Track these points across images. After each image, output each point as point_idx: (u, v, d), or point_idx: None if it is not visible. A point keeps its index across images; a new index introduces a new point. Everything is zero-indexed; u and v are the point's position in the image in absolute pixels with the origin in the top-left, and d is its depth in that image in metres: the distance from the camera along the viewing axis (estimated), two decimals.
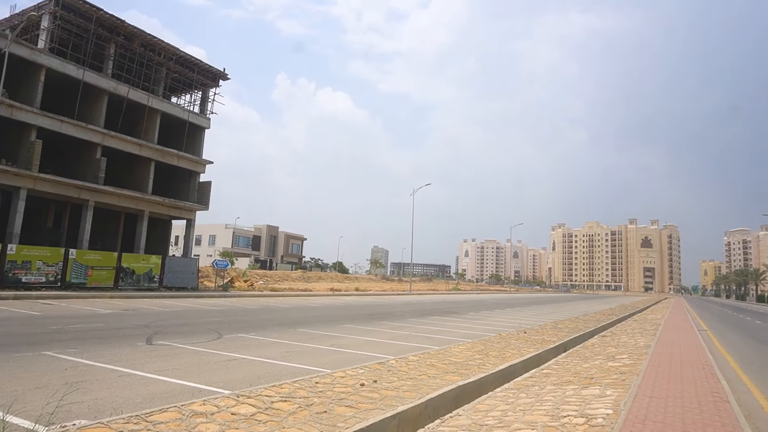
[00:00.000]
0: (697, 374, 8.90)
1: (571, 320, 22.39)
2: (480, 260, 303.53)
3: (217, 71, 36.60)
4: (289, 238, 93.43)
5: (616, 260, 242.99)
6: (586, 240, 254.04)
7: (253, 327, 14.48)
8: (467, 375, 8.15)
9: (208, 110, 37.37)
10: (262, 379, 7.42)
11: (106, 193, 30.06)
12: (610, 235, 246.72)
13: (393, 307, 27.73)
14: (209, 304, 23.06)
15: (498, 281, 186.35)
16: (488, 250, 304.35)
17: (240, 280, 40.17)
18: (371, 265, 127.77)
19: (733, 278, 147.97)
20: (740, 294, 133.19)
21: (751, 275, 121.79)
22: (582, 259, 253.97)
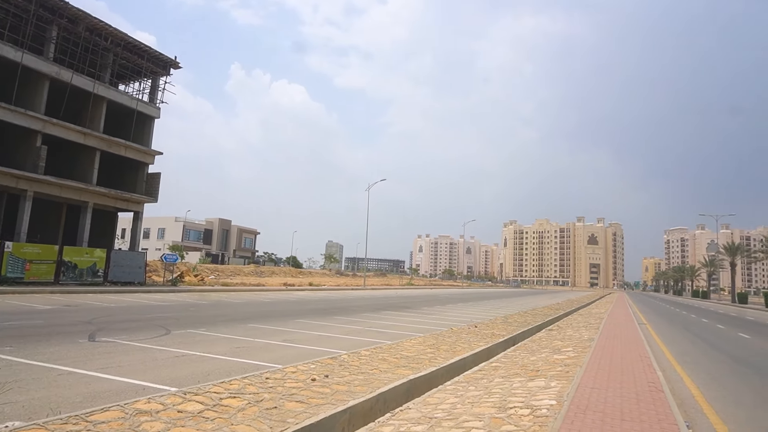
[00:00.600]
0: (636, 366, 9.33)
1: (521, 315, 23.02)
2: (434, 256, 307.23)
3: (167, 59, 35.39)
4: (242, 232, 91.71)
5: (564, 256, 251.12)
6: (536, 237, 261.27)
7: (203, 322, 14.16)
8: (418, 369, 8.25)
9: (158, 99, 36.12)
10: (211, 376, 7.27)
11: (46, 183, 28.58)
12: (558, 233, 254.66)
13: (347, 302, 27.71)
14: (157, 300, 22.38)
15: (451, 276, 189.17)
16: (442, 246, 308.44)
17: (190, 275, 39.14)
18: (325, 260, 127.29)
19: (671, 274, 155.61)
20: (677, 289, 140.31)
21: (687, 272, 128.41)
22: (532, 255, 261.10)
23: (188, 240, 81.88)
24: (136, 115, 33.75)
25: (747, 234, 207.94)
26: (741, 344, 16.40)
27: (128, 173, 34.73)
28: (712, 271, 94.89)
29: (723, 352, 14.19)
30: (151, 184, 35.28)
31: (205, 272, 47.29)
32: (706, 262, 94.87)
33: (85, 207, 31.30)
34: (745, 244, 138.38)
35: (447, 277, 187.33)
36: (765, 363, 12.09)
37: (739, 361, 12.25)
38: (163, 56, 35.04)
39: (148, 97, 36.07)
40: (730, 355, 13.53)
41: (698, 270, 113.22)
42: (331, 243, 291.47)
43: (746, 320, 30.16)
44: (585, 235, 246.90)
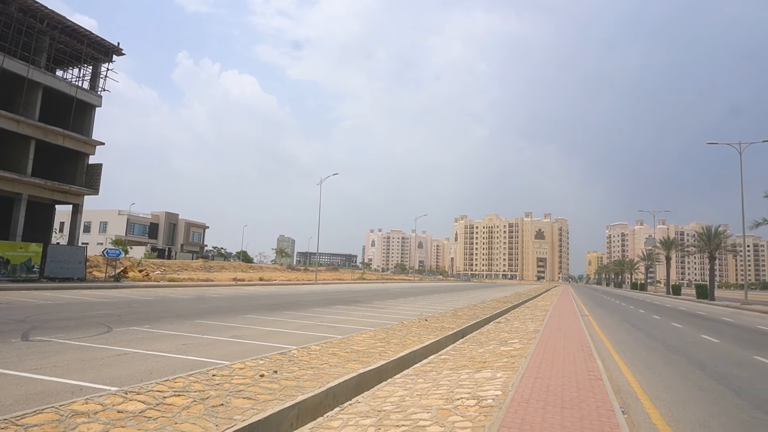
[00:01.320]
0: (578, 356, 9.72)
1: (470, 308, 23.50)
2: (386, 250, 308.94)
3: (110, 45, 33.85)
4: (190, 225, 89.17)
5: (512, 251, 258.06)
6: (486, 231, 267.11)
7: (147, 319, 13.70)
8: (369, 363, 8.29)
9: (100, 87, 34.51)
10: (154, 374, 7.05)
11: None
12: (507, 227, 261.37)
13: (298, 297, 27.48)
14: (98, 296, 21.47)
15: (403, 271, 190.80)
16: (394, 240, 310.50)
17: (134, 270, 37.74)
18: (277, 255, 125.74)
19: (612, 268, 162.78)
20: (618, 282, 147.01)
21: (627, 265, 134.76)
22: (482, 249, 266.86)
23: (132, 234, 78.89)
24: (76, 102, 32.14)
25: (681, 229, 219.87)
26: (673, 333, 17.35)
27: (67, 164, 33.06)
28: (649, 265, 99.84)
29: (657, 341, 14.97)
30: (91, 176, 33.73)
31: (151, 267, 45.73)
32: (644, 256, 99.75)
33: (18, 199, 29.59)
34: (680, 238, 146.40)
35: (399, 271, 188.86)
36: (693, 350, 12.84)
37: (671, 349, 12.96)
38: (105, 42, 33.49)
39: (88, 84, 34.41)
40: (664, 343, 14.29)
41: (637, 263, 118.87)
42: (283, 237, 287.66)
43: (679, 311, 31.93)
44: (533, 230, 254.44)
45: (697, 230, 58.41)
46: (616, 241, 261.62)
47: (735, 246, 59.86)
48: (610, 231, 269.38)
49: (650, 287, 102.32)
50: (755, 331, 19.04)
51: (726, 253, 63.72)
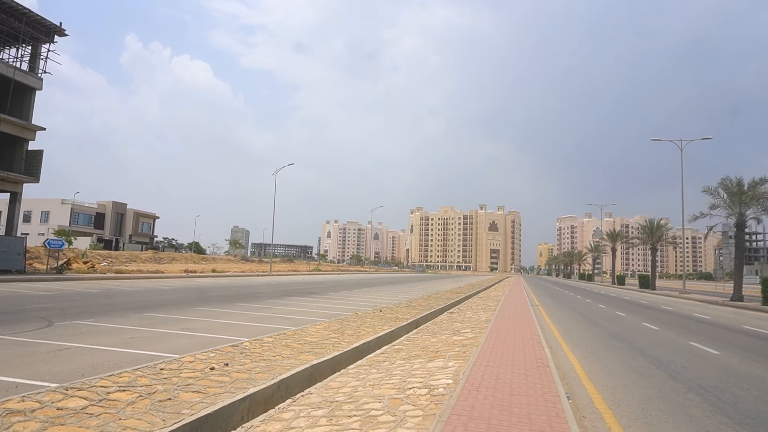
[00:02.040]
0: (527, 344, 10.01)
1: (424, 298, 23.79)
2: (342, 241, 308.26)
3: (51, 24, 32.08)
4: (139, 216, 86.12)
5: (467, 242, 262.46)
6: (441, 223, 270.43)
7: (92, 313, 13.17)
8: (322, 354, 8.27)
9: (41, 69, 32.70)
10: (98, 369, 6.80)
11: None
12: (462, 219, 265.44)
13: (251, 289, 27.07)
14: (39, 289, 20.49)
15: (359, 262, 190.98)
16: (350, 232, 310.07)
17: (79, 262, 36.16)
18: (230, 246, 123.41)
19: (562, 259, 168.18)
20: (567, 273, 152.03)
21: (576, 256, 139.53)
22: (437, 241, 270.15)
23: (77, 224, 75.50)
24: (14, 84, 30.34)
25: (627, 222, 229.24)
26: (617, 322, 18.12)
27: (4, 150, 31.23)
28: (596, 256, 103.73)
29: (602, 329, 15.61)
30: (31, 163, 32.02)
31: (97, 259, 43.96)
32: (592, 247, 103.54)
33: None
34: (625, 231, 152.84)
35: (355, 262, 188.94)
36: (635, 337, 13.46)
37: (614, 337, 13.53)
38: (46, 21, 31.72)
39: (27, 66, 32.53)
40: (608, 331, 14.91)
41: (585, 255, 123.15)
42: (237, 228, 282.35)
43: (623, 300, 33.37)
44: (486, 222, 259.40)
45: (641, 223, 61.05)
46: (566, 234, 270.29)
47: (675, 238, 62.84)
48: (561, 223, 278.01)
49: (597, 278, 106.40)
50: (692, 319, 20.12)
51: (667, 245, 66.88)
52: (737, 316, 22.31)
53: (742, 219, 32.01)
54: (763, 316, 22.50)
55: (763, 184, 31.02)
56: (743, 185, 31.63)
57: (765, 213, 31.51)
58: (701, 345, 12.16)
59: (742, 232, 33.07)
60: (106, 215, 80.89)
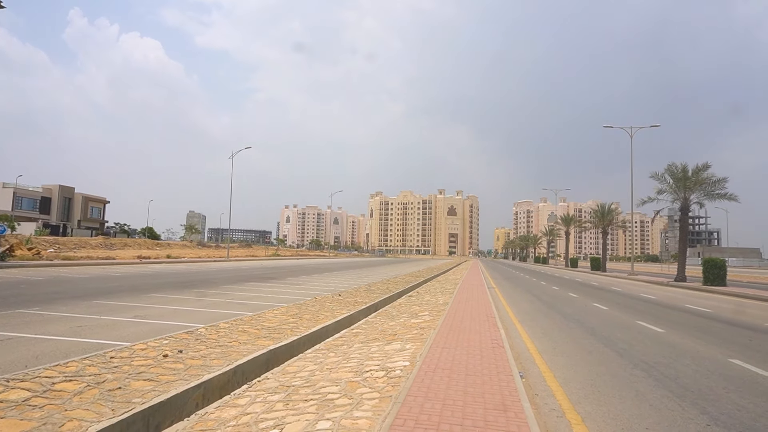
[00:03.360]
0: (483, 326, 10.22)
1: (384, 282, 23.92)
2: (301, 226, 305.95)
3: None
4: (88, 200, 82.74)
5: (426, 227, 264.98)
6: (400, 208, 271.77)
7: (37, 301, 12.61)
8: (280, 339, 8.20)
9: None
10: (42, 359, 6.52)
11: None
12: (421, 204, 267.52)
13: (208, 275, 26.54)
14: None
15: (318, 247, 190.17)
16: (309, 217, 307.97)
17: (22, 248, 34.49)
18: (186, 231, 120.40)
19: (518, 243, 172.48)
20: (523, 256, 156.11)
21: (531, 240, 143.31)
22: (396, 225, 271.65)
23: (20, 209, 71.89)
24: None
25: (580, 207, 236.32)
26: (570, 303, 18.73)
27: None
28: (551, 240, 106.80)
29: (555, 309, 16.11)
30: None
31: (43, 245, 42.09)
32: (547, 231, 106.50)
33: None
34: (578, 215, 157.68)
35: (314, 247, 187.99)
36: (586, 318, 13.96)
37: (566, 317, 13.99)
38: None
39: None
40: (561, 312, 15.39)
41: (540, 239, 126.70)
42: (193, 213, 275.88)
43: (576, 282, 34.52)
44: (445, 206, 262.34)
45: (594, 207, 63.09)
46: (522, 218, 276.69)
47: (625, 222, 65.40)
48: (517, 208, 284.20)
49: (551, 260, 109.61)
50: (639, 299, 21.02)
51: (617, 229, 69.48)
52: (681, 295, 23.46)
53: (686, 203, 33.53)
54: (703, 295, 23.75)
55: (706, 170, 32.54)
56: (688, 171, 33.08)
57: (707, 198, 33.10)
58: (647, 324, 12.72)
59: (686, 216, 34.66)
60: (53, 199, 77.32)
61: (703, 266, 29.05)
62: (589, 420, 5.17)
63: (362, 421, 4.27)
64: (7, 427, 3.97)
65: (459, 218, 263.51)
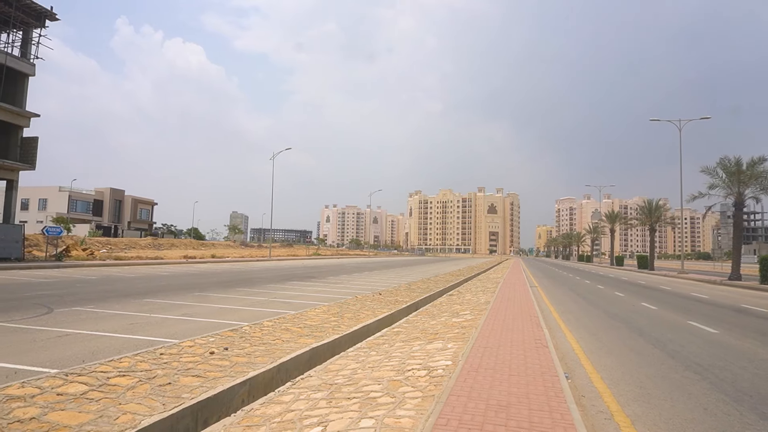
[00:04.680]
0: (526, 325, 10.04)
1: (424, 281, 23.85)
2: (341, 226, 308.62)
3: (41, 9, 31.59)
4: (137, 202, 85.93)
5: (465, 225, 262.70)
6: (440, 206, 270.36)
7: (92, 299, 13.19)
8: (322, 337, 8.29)
9: (32, 54, 32.31)
10: (98, 355, 6.81)
11: None
12: (461, 202, 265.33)
13: (251, 274, 27.11)
14: (38, 276, 20.50)
15: (358, 246, 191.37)
16: (349, 216, 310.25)
17: (78, 249, 36.16)
18: (229, 231, 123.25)
19: (560, 241, 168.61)
20: (566, 254, 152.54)
21: (574, 238, 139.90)
22: (436, 224, 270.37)
23: (75, 211, 75.32)
24: (6, 71, 30.00)
25: (625, 203, 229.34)
26: (615, 302, 18.20)
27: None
28: (595, 237, 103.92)
29: (600, 309, 15.67)
30: (27, 150, 31.79)
31: (96, 246, 43.97)
32: (590, 229, 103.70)
33: None
34: (624, 212, 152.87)
35: (354, 246, 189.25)
36: (633, 317, 13.52)
37: (612, 317, 13.59)
38: (36, 5, 31.23)
39: (19, 51, 32.13)
40: (606, 311, 14.97)
41: (583, 236, 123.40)
42: (236, 214, 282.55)
43: (621, 280, 33.50)
44: (485, 204, 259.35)
45: (640, 204, 61.06)
46: (565, 215, 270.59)
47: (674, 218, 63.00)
48: (559, 205, 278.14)
49: (596, 259, 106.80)
50: (690, 298, 20.22)
51: (665, 226, 67.02)
52: (735, 295, 22.42)
53: (740, 198, 31.99)
54: (760, 294, 22.63)
55: (762, 163, 30.91)
56: (742, 164, 31.53)
57: (763, 192, 31.46)
58: (699, 324, 12.22)
59: (741, 211, 33.07)
60: (104, 202, 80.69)
61: (760, 264, 27.66)
62: (640, 423, 5.00)
63: (405, 420, 4.26)
64: (68, 419, 4.16)
65: (499, 216, 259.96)
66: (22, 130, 31.83)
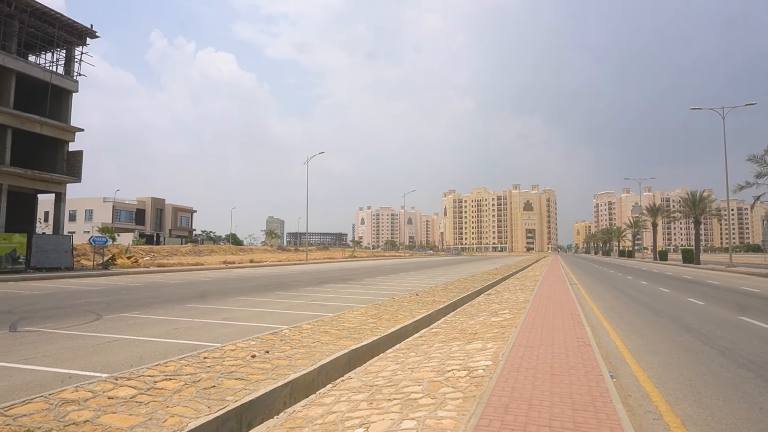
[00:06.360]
0: (567, 323, 9.84)
1: (461, 281, 23.67)
2: (375, 227, 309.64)
3: (83, 27, 32.89)
4: (177, 210, 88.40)
5: (501, 223, 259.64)
6: (474, 205, 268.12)
7: (138, 305, 13.62)
8: (360, 339, 8.33)
9: (75, 71, 33.64)
10: (145, 359, 7.03)
11: None
12: (496, 200, 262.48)
13: (288, 277, 27.49)
14: (87, 284, 21.31)
15: (393, 247, 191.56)
16: (383, 217, 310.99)
17: (123, 257, 37.44)
18: (266, 236, 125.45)
19: (600, 236, 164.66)
20: (606, 250, 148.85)
21: (615, 233, 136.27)
22: (471, 222, 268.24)
23: (119, 221, 78.08)
24: (51, 88, 31.33)
25: (667, 196, 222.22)
26: (660, 298, 17.63)
27: (47, 152, 32.42)
28: (636, 232, 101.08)
29: (644, 305, 15.22)
30: (72, 163, 33.13)
31: (140, 254, 45.42)
32: (631, 223, 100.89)
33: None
34: (666, 205, 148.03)
35: (389, 248, 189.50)
36: (679, 313, 13.07)
37: (657, 313, 13.17)
38: (78, 24, 32.53)
39: (63, 69, 33.50)
40: (651, 308, 14.52)
41: (624, 231, 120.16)
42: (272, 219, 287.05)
43: (666, 276, 32.45)
44: (521, 201, 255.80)
45: (683, 196, 59.07)
46: (604, 210, 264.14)
47: (719, 210, 60.66)
48: (598, 200, 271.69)
49: (638, 254, 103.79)
50: (740, 293, 19.41)
51: (711, 218, 64.55)
52: None
53: None
54: None
55: None
56: None
57: None
58: (751, 319, 11.72)
59: None
60: (146, 211, 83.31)
61: None
62: (690, 423, 4.83)
63: (447, 421, 4.24)
64: (119, 422, 4.31)
65: (536, 213, 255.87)
66: (68, 144, 33.18)
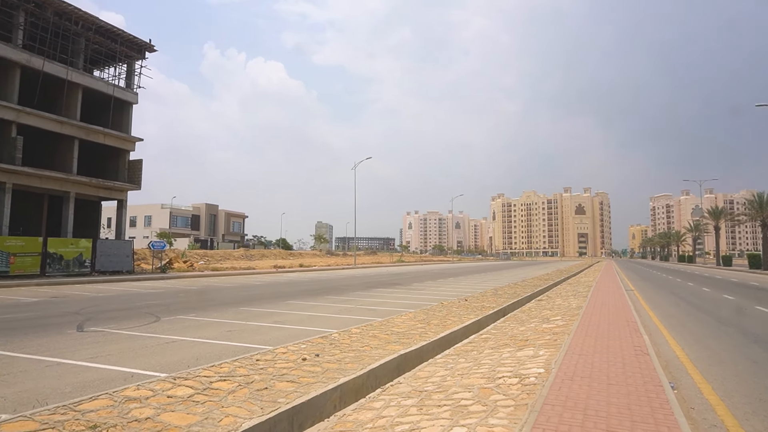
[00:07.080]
0: (623, 331, 9.49)
1: (510, 286, 23.25)
2: (423, 232, 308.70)
3: (142, 42, 34.54)
4: (230, 216, 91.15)
5: (552, 227, 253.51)
6: (524, 209, 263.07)
7: (193, 308, 14.12)
8: (409, 344, 8.31)
9: (135, 84, 35.34)
10: (201, 360, 7.27)
11: (25, 175, 28.02)
12: (546, 204, 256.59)
13: (337, 282, 27.79)
14: (146, 287, 22.26)
15: (441, 252, 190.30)
16: (431, 222, 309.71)
17: (179, 261, 38.92)
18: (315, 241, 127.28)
19: (657, 240, 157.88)
20: (664, 255, 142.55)
21: (673, 237, 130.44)
22: (521, 227, 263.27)
23: (176, 226, 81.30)
24: (114, 101, 33.04)
25: (730, 198, 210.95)
26: (725, 305, 16.73)
27: (109, 161, 34.17)
28: (697, 236, 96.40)
29: (707, 313, 14.47)
30: (133, 172, 34.76)
31: (195, 258, 47.06)
32: (691, 227, 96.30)
33: (67, 197, 30.82)
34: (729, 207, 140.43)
35: (437, 252, 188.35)
36: (746, 322, 12.35)
37: (722, 322, 12.50)
38: (137, 39, 34.18)
39: (124, 82, 35.26)
40: (714, 316, 13.80)
41: (683, 235, 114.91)
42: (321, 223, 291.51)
43: (730, 282, 30.76)
44: (572, 205, 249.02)
45: (748, 198, 55.88)
46: (661, 213, 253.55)
47: None
48: (654, 203, 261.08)
49: (699, 259, 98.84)
50: None
51: None
52: None
53: None
54: None
55: None
56: None
57: None
58: None
59: None
60: (201, 217, 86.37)
61: None
62: None
63: (498, 428, 4.16)
64: (177, 420, 4.47)
65: (588, 217, 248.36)
66: (129, 153, 34.86)
